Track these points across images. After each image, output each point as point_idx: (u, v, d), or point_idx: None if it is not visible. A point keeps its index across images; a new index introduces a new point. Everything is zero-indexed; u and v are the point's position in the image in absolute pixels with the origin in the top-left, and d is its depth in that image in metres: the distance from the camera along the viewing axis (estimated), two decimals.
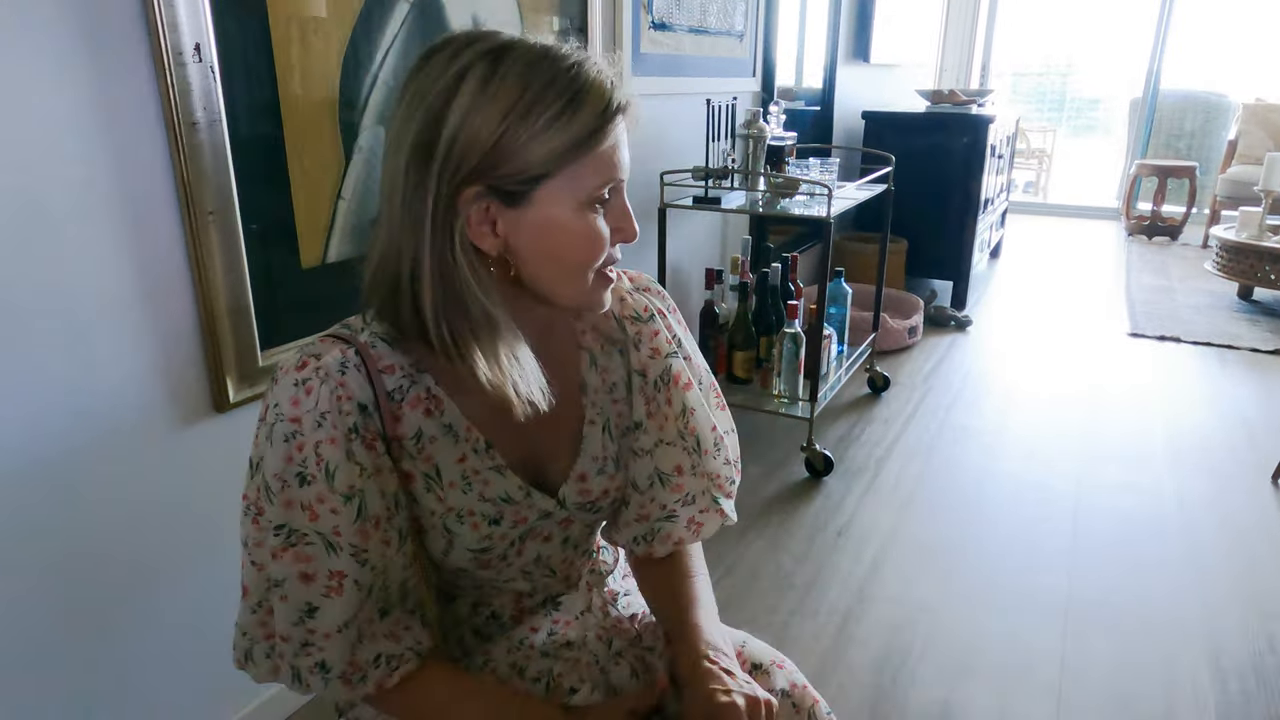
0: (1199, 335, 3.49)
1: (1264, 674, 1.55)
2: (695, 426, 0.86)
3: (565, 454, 0.84)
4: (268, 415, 0.70)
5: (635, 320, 0.85)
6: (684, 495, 0.88)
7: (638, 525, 0.89)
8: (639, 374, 0.85)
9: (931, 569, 1.87)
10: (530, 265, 0.72)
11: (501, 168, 0.67)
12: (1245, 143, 5.17)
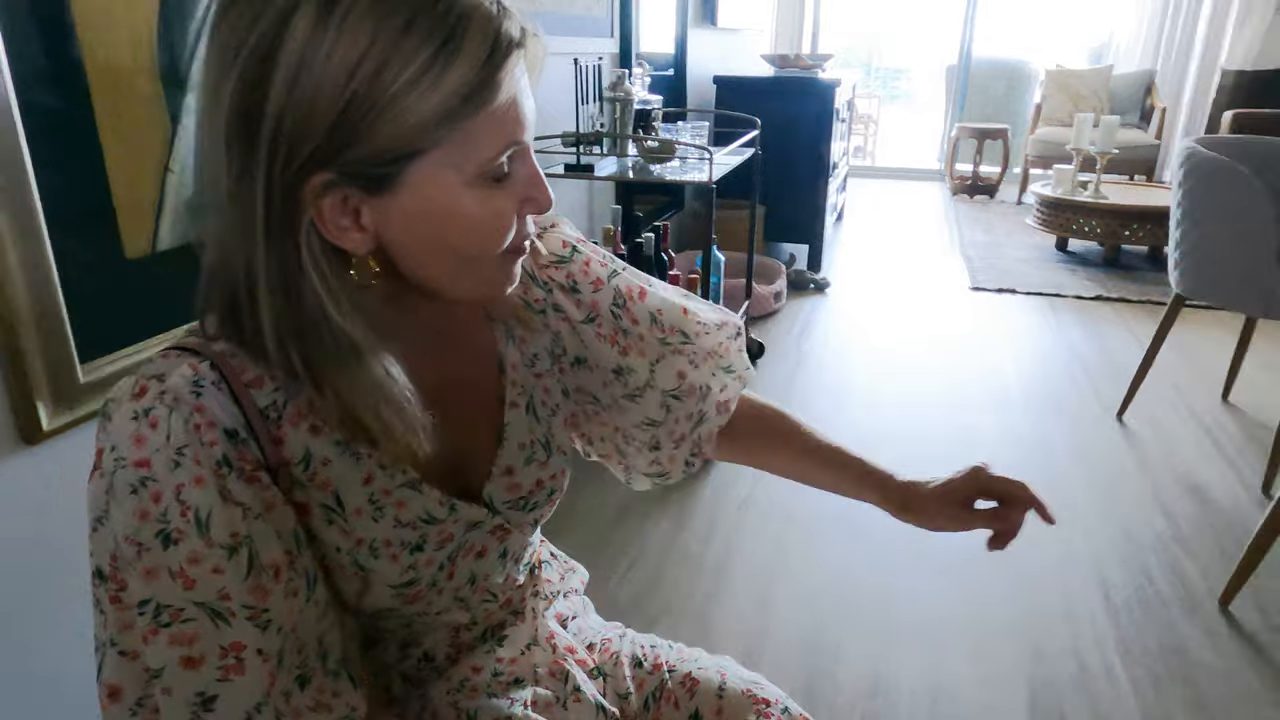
0: (1031, 286, 3.74)
1: (1149, 604, 1.64)
2: (671, 324, 0.77)
3: (486, 447, 0.71)
4: (104, 462, 0.53)
5: (560, 264, 0.74)
6: (700, 392, 0.80)
7: (679, 450, 0.83)
8: (589, 320, 0.74)
9: (835, 536, 1.86)
10: (414, 261, 0.57)
11: (356, 146, 0.50)
12: (1049, 106, 5.60)
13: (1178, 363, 2.89)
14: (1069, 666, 1.47)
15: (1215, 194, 2.05)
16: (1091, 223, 4.01)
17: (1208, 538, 1.86)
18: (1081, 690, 1.41)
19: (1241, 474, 2.14)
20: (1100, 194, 4.05)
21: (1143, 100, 5.50)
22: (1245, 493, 2.05)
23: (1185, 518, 1.93)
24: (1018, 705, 1.38)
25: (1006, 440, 2.30)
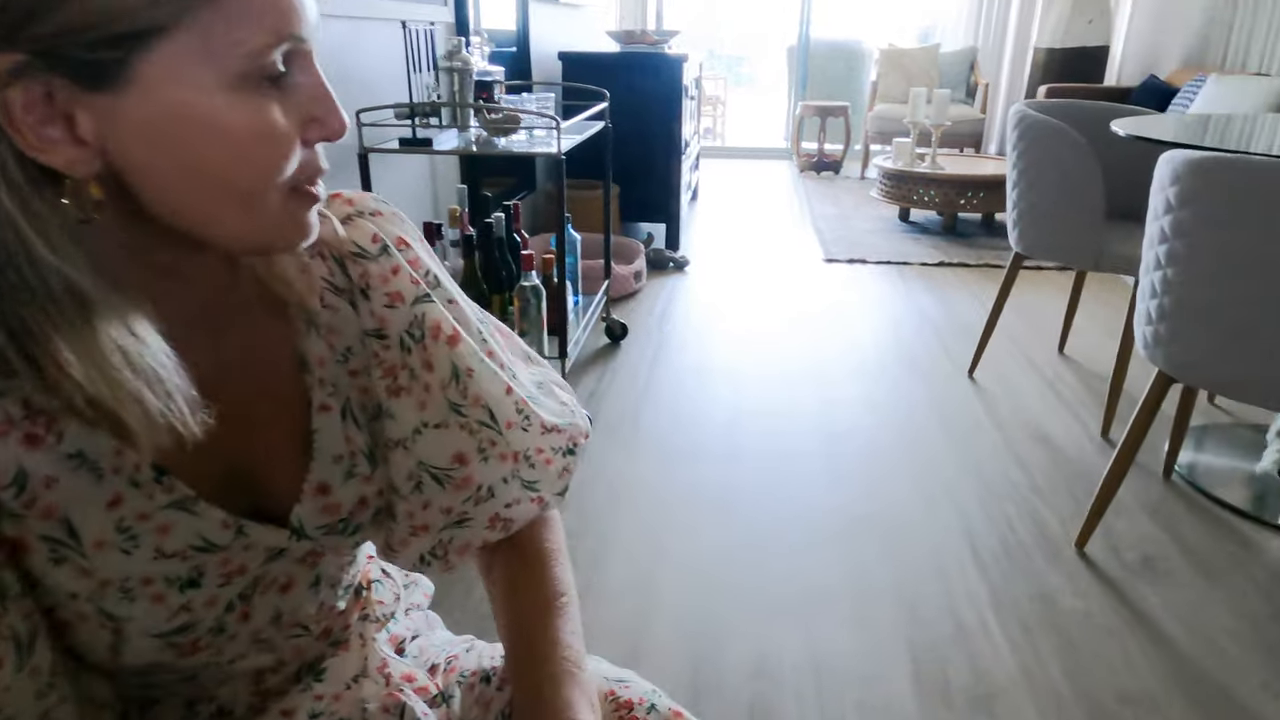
0: (881, 255, 3.85)
1: (1014, 554, 1.67)
2: (479, 394, 0.61)
3: (291, 460, 0.57)
4: None
5: (359, 257, 0.57)
6: (475, 491, 0.62)
7: (416, 540, 0.64)
8: (375, 335, 0.57)
9: (711, 515, 1.79)
10: (159, 189, 0.43)
11: (49, 11, 0.37)
12: (884, 84, 5.83)
13: (1018, 321, 3.03)
14: (946, 626, 1.46)
15: (1047, 154, 2.12)
16: (931, 192, 4.17)
17: (1059, 484, 1.93)
18: (961, 649, 1.41)
19: (1083, 422, 2.25)
20: (937, 165, 4.23)
21: (968, 77, 5.81)
22: (1088, 439, 2.15)
23: (1037, 467, 2.00)
24: (901, 671, 1.36)
25: (868, 405, 2.32)
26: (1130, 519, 1.79)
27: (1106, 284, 3.52)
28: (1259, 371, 1.33)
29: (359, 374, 0.59)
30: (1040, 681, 1.34)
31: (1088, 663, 1.38)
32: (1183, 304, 1.41)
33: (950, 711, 1.28)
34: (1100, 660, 1.39)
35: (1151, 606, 1.52)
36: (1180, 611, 1.50)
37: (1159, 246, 1.44)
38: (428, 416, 0.60)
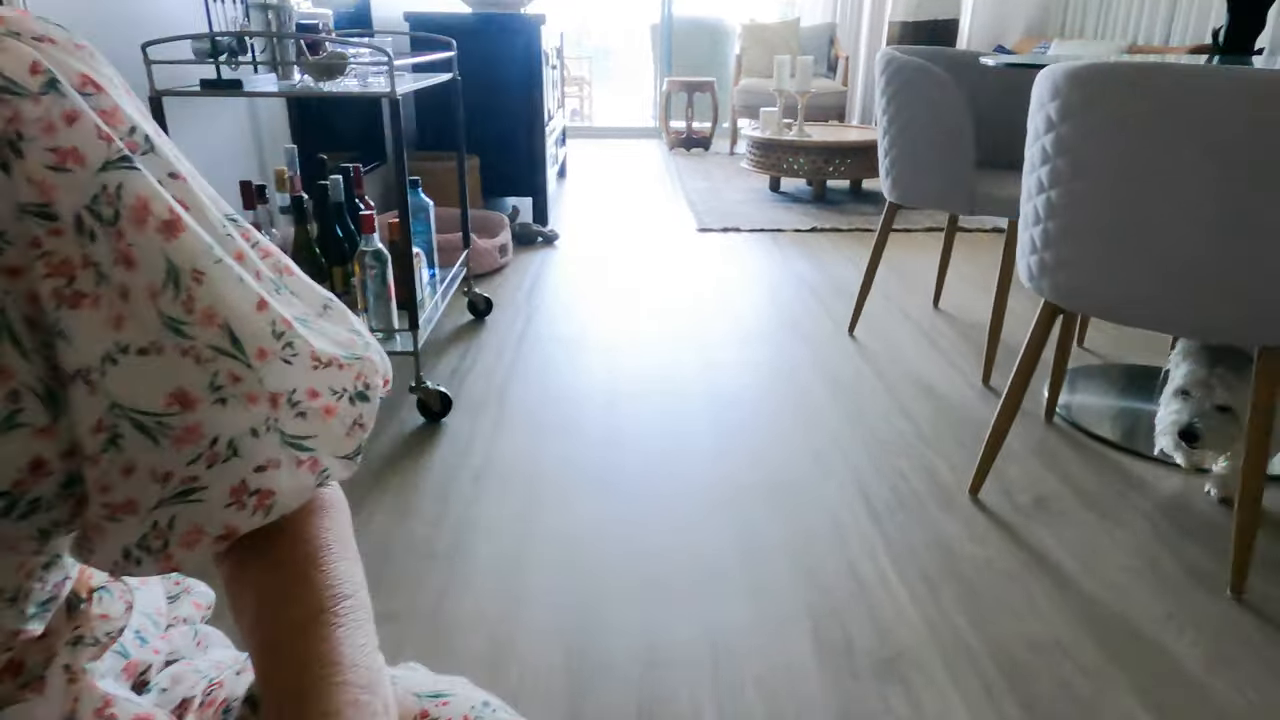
0: (754, 223, 3.78)
1: (907, 503, 1.58)
2: (212, 306, 0.41)
3: None
4: None
5: (10, 94, 0.35)
6: (207, 448, 0.41)
7: (116, 527, 0.41)
8: (36, 212, 0.36)
9: (589, 493, 1.62)
10: None
11: None
12: (748, 58, 5.81)
13: (893, 280, 3.02)
14: (846, 586, 1.35)
15: (916, 95, 2.06)
16: (799, 161, 4.15)
17: (947, 433, 1.87)
18: (862, 608, 1.30)
19: (963, 371, 2.21)
20: (804, 133, 4.20)
21: (828, 51, 5.87)
22: (970, 387, 2.11)
23: (924, 417, 1.94)
24: (802, 640, 1.23)
25: (751, 369, 2.21)
26: (1019, 462, 1.74)
27: (974, 242, 3.58)
28: (1148, 289, 1.27)
29: (21, 273, 0.37)
30: (946, 635, 1.24)
31: (992, 611, 1.29)
32: (1068, 226, 1.34)
33: (856, 680, 1.15)
34: (1005, 607, 1.30)
35: (1049, 548, 1.45)
36: (1077, 550, 1.45)
37: (1041, 169, 1.37)
38: (126, 337, 0.38)
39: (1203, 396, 1.42)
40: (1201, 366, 1.43)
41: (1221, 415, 1.42)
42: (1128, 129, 1.20)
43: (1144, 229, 1.24)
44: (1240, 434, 1.39)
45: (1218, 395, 1.40)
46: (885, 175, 2.25)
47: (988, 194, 2.02)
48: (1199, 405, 1.43)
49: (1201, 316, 1.25)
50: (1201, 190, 1.16)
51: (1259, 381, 1.26)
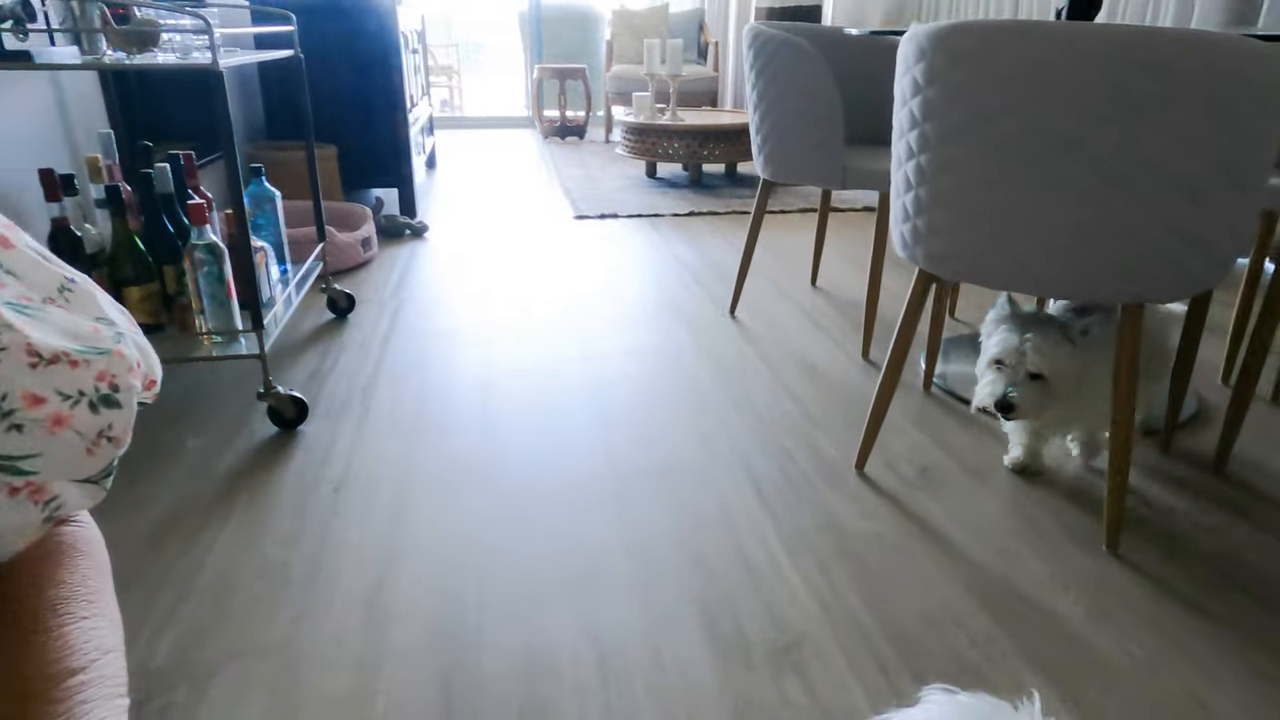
0: (631, 209, 3.71)
1: (797, 485, 1.55)
2: None
3: None
4: None
5: None
6: None
7: None
8: None
9: (465, 496, 1.50)
10: None
11: None
12: (619, 45, 5.74)
13: (771, 261, 3.01)
14: (737, 573, 1.29)
15: (785, 68, 2.03)
16: (674, 145, 4.11)
17: (831, 410, 1.85)
18: (756, 597, 1.24)
19: (844, 347, 2.21)
20: (678, 117, 4.17)
21: (698, 36, 5.88)
22: (850, 363, 2.11)
23: (808, 395, 1.92)
24: (693, 635, 1.16)
25: (634, 354, 2.13)
26: (902, 434, 1.74)
27: (847, 221, 3.64)
28: (1018, 252, 1.27)
29: None
30: (841, 617, 1.20)
31: (885, 587, 1.26)
32: (938, 191, 1.32)
33: (751, 672, 1.10)
34: (897, 582, 1.28)
35: (936, 518, 1.44)
36: (963, 517, 1.45)
37: (910, 134, 1.35)
38: None
39: (1016, 365, 1.38)
40: (1013, 334, 1.38)
41: (1034, 383, 1.38)
42: (993, 89, 1.19)
43: (1012, 191, 1.23)
44: (1052, 401, 1.38)
45: (1030, 362, 1.36)
46: (758, 152, 2.21)
47: (859, 168, 2.02)
48: (1013, 374, 1.38)
49: (1069, 277, 1.25)
50: (1066, 149, 1.16)
51: (1123, 336, 1.28)
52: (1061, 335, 1.37)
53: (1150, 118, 1.11)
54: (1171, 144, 1.12)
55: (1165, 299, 1.25)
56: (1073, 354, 1.37)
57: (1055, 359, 1.36)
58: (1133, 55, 1.08)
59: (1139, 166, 1.14)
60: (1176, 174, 1.14)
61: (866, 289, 2.16)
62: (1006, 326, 1.41)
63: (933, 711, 0.58)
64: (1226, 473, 1.59)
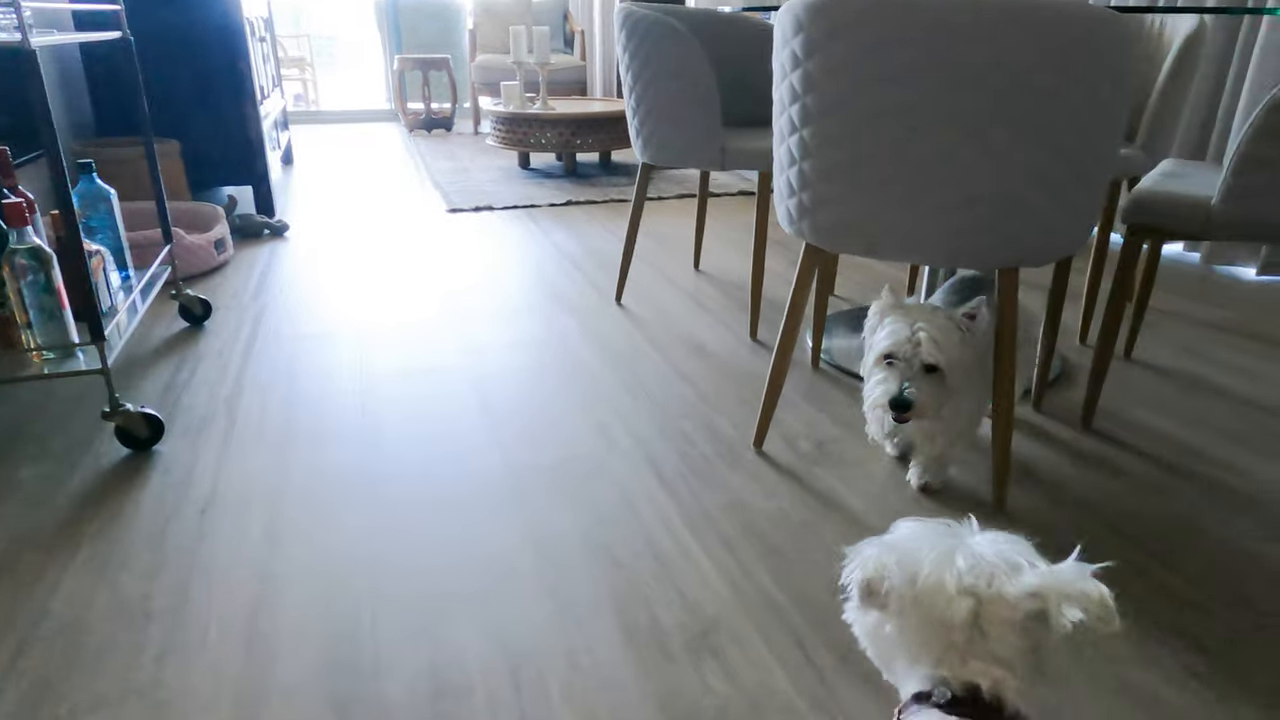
0: (506, 201, 3.61)
1: (698, 467, 1.52)
2: None
3: None
4: None
5: None
6: None
7: None
8: None
9: (349, 509, 1.39)
10: None
11: None
12: (482, 34, 5.59)
13: (653, 247, 3.00)
14: (647, 564, 1.25)
15: (658, 50, 2.00)
16: (547, 134, 4.03)
17: (725, 391, 1.84)
18: (666, 584, 1.21)
19: (732, 329, 2.22)
20: (549, 106, 4.09)
21: (563, 24, 5.80)
22: (740, 343, 2.12)
23: (701, 378, 1.90)
24: (607, 631, 1.11)
25: (521, 347, 2.06)
26: (796, 410, 1.75)
27: (725, 205, 3.67)
28: (901, 222, 1.29)
29: None
30: (753, 596, 1.18)
31: (794, 563, 1.26)
32: (822, 165, 1.32)
33: (671, 662, 1.06)
34: (804, 557, 1.28)
35: (836, 490, 1.46)
36: (860, 487, 1.46)
37: (791, 108, 1.34)
38: None
39: (910, 357, 1.25)
40: (902, 325, 1.26)
41: (930, 376, 1.26)
42: (872, 60, 1.19)
43: (893, 161, 1.25)
44: (948, 396, 1.27)
45: (926, 353, 1.23)
46: (636, 136, 2.18)
47: (738, 148, 2.02)
48: (906, 368, 1.26)
49: (952, 244, 1.28)
50: (946, 118, 1.18)
51: (1002, 301, 1.33)
52: (951, 323, 1.26)
53: (1020, 86, 1.14)
54: (1044, 112, 1.16)
55: (1041, 263, 1.30)
56: (964, 340, 1.26)
57: (949, 348, 1.24)
58: (1001, 25, 1.11)
59: (1014, 134, 1.17)
60: (1049, 141, 1.18)
61: (751, 270, 2.17)
62: (893, 318, 1.28)
63: (900, 530, 0.71)
64: (1094, 426, 1.69)
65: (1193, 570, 1.25)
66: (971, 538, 0.66)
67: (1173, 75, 1.89)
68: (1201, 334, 2.21)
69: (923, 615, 0.63)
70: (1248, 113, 2.63)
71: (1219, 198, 1.42)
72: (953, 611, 0.62)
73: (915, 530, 0.70)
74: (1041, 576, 0.61)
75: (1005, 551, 0.64)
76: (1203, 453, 1.59)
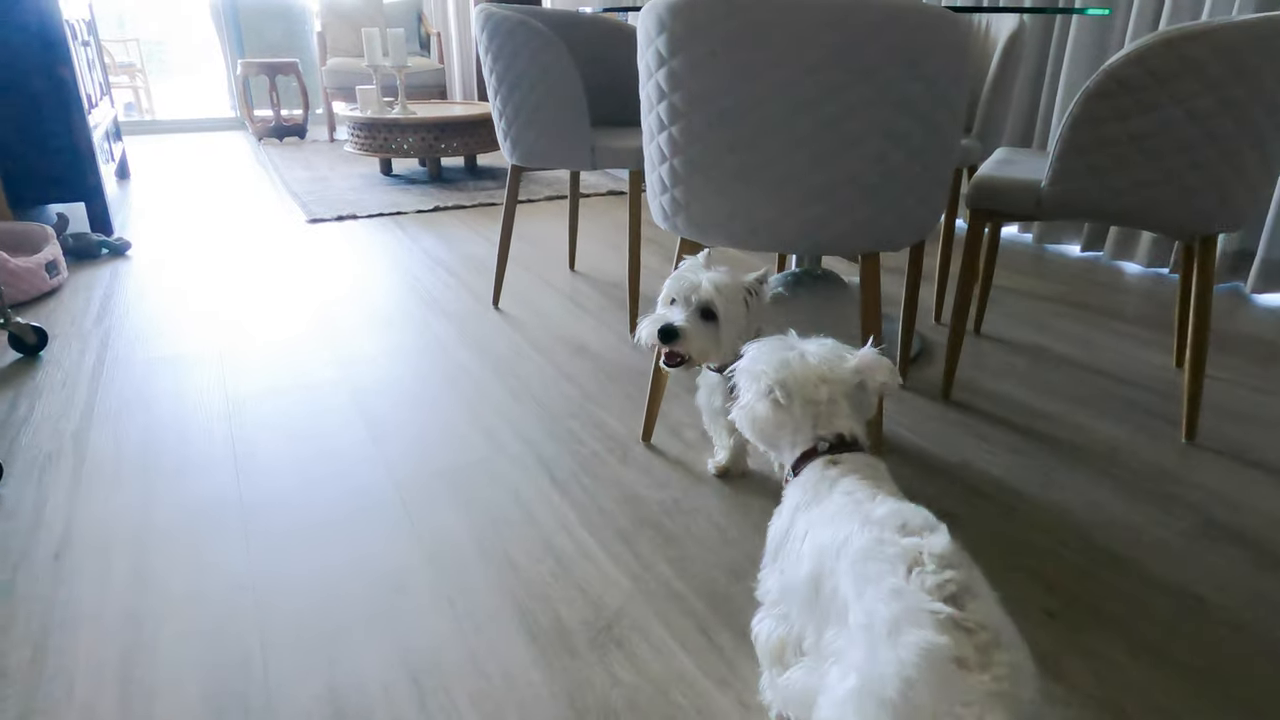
0: (371, 209, 3.50)
1: (589, 465, 1.53)
2: None
3: None
4: None
5: None
6: None
7: None
8: None
9: (225, 540, 1.32)
10: None
11: None
12: (331, 36, 5.37)
13: (527, 250, 2.98)
14: (547, 565, 1.25)
15: (521, 50, 2.00)
16: (409, 139, 3.93)
17: (608, 387, 1.86)
18: (568, 583, 1.21)
19: (611, 326, 2.24)
20: (409, 110, 3.99)
21: (418, 26, 5.67)
22: (619, 341, 2.14)
23: (585, 377, 1.91)
24: (511, 635, 1.11)
25: (400, 357, 2.00)
26: (679, 402, 1.79)
27: (595, 205, 3.69)
28: (767, 214, 1.34)
29: None
30: (653, 586, 1.21)
31: (689, 549, 1.29)
32: (692, 160, 1.36)
33: (576, 658, 1.07)
34: (699, 543, 1.31)
35: (723, 476, 1.50)
36: (746, 471, 1.51)
37: (659, 106, 1.37)
38: None
39: (689, 296, 1.25)
40: (691, 274, 1.27)
41: (705, 321, 1.25)
42: (730, 56, 1.24)
43: (760, 155, 1.30)
44: (716, 348, 1.27)
45: (704, 293, 1.24)
46: (504, 138, 2.17)
47: (608, 147, 2.04)
48: (685, 308, 1.26)
49: (813, 234, 1.34)
50: (805, 112, 1.24)
51: (864, 283, 1.41)
52: (738, 282, 1.26)
53: (870, 80, 1.21)
54: (888, 104, 1.23)
55: (897, 248, 1.39)
56: (750, 303, 1.27)
57: (729, 301, 1.24)
58: (851, 21, 1.18)
59: (867, 126, 1.24)
60: (897, 131, 1.26)
61: (627, 268, 2.20)
62: (686, 269, 1.29)
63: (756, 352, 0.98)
64: (953, 397, 1.82)
65: (1046, 521, 1.37)
66: (805, 344, 0.97)
67: (1000, 70, 2.05)
68: (1040, 307, 2.41)
69: (803, 398, 0.93)
70: (1066, 104, 2.89)
71: (1047, 181, 1.56)
72: (820, 392, 0.93)
73: (768, 347, 0.97)
74: (857, 359, 0.94)
75: (830, 347, 0.96)
76: (1050, 415, 1.74)
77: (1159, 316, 2.34)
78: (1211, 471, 1.52)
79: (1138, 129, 1.43)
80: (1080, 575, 1.23)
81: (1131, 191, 1.48)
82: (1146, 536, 1.33)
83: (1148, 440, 1.63)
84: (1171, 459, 1.56)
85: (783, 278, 1.53)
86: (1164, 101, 1.39)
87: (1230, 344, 2.13)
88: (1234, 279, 2.58)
